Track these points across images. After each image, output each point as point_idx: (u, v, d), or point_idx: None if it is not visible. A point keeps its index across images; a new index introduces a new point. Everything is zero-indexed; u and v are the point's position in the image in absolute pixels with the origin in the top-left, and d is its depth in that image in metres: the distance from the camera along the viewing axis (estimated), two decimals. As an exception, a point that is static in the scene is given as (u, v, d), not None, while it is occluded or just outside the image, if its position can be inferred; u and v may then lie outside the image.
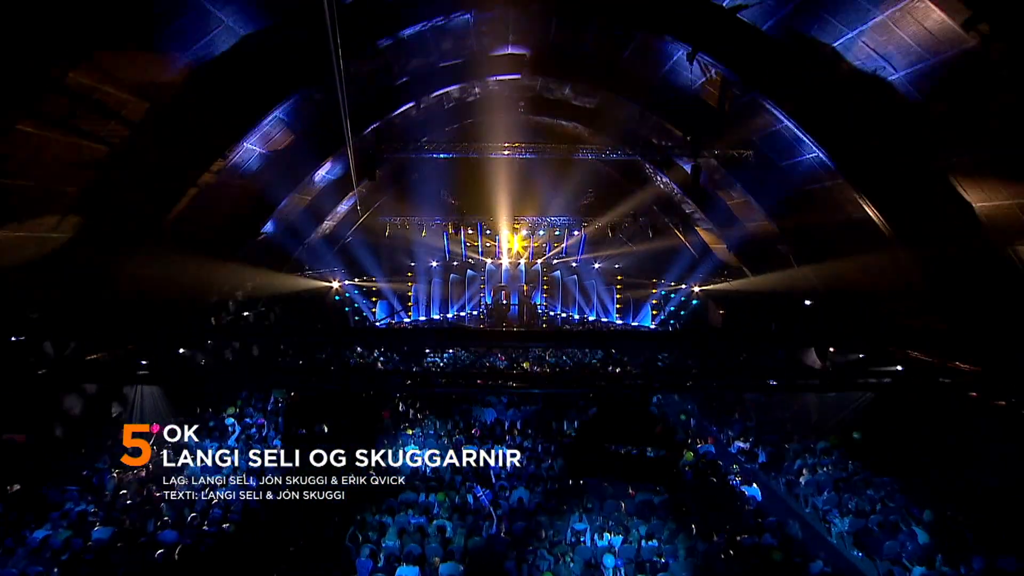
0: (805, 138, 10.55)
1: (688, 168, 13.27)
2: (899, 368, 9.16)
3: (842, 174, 10.43)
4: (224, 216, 12.59)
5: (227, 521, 8.24)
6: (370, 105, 13.39)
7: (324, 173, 15.07)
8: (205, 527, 7.98)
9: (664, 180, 19.09)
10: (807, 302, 17.17)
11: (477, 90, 16.44)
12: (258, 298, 17.34)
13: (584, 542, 8.47)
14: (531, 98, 17.27)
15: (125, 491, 8.77)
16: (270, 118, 10.93)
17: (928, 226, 9.64)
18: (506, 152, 13.85)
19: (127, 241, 9.94)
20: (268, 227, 14.69)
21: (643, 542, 8.31)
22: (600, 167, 20.89)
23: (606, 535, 8.52)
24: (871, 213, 10.35)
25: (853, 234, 11.19)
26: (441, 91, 15.26)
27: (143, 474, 9.64)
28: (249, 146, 11.43)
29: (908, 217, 10.01)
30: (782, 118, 10.57)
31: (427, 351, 22.17)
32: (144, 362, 9.38)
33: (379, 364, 17.31)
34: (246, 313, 17.79)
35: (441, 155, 13.96)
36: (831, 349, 16.82)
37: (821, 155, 10.47)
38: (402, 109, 14.51)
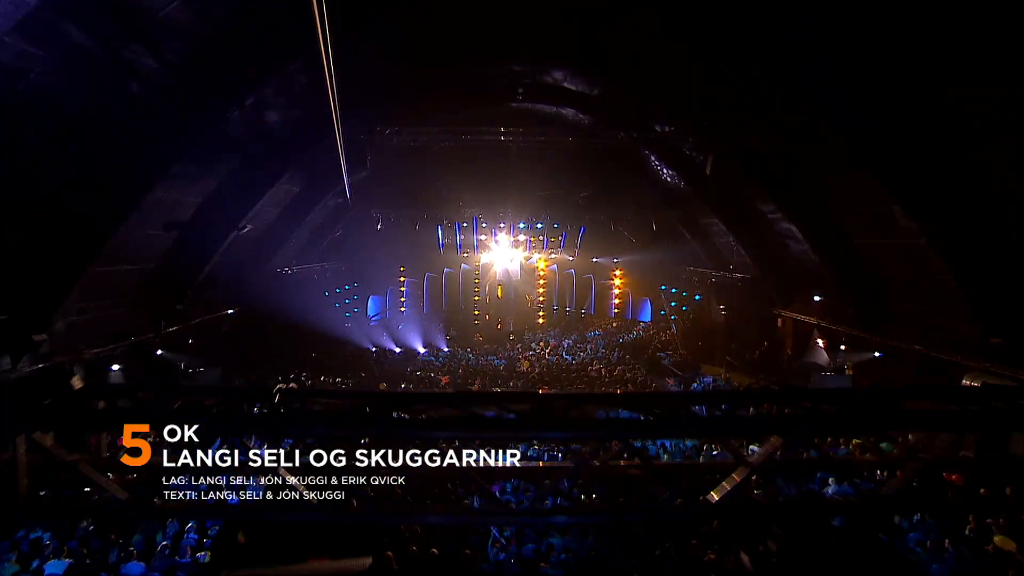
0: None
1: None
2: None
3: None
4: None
5: (202, 549, 7.36)
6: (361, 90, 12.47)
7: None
8: (176, 557, 7.09)
9: (670, 173, 18.39)
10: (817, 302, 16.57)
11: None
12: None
13: (600, 565, 7.70)
14: (529, 85, 16.44)
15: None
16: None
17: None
18: (502, 138, 13.07)
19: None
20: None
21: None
22: (601, 160, 20.09)
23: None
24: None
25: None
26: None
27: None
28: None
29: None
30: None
31: (420, 351, 21.38)
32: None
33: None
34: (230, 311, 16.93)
35: (427, 138, 13.03)
36: (842, 347, 16.25)
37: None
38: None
